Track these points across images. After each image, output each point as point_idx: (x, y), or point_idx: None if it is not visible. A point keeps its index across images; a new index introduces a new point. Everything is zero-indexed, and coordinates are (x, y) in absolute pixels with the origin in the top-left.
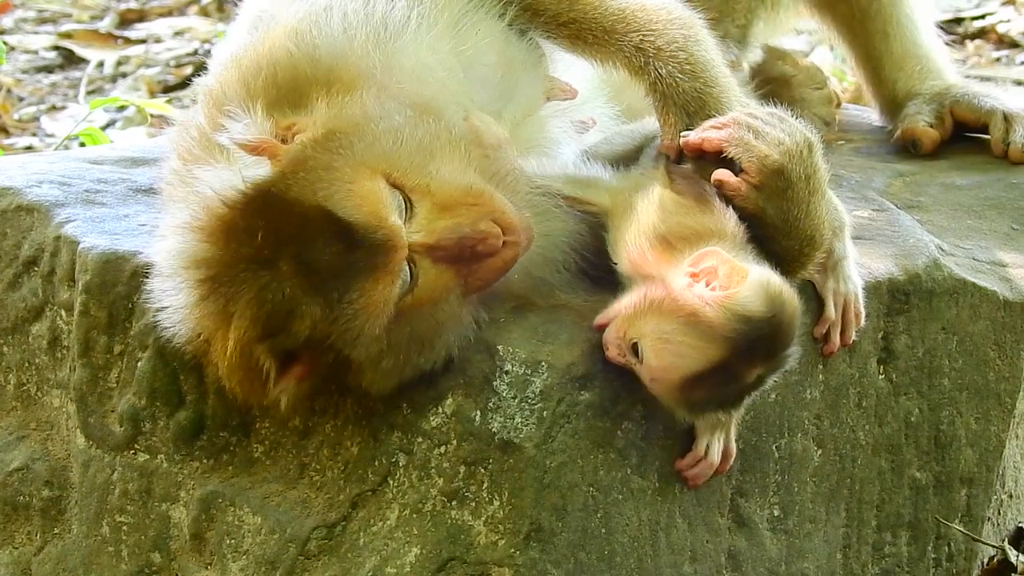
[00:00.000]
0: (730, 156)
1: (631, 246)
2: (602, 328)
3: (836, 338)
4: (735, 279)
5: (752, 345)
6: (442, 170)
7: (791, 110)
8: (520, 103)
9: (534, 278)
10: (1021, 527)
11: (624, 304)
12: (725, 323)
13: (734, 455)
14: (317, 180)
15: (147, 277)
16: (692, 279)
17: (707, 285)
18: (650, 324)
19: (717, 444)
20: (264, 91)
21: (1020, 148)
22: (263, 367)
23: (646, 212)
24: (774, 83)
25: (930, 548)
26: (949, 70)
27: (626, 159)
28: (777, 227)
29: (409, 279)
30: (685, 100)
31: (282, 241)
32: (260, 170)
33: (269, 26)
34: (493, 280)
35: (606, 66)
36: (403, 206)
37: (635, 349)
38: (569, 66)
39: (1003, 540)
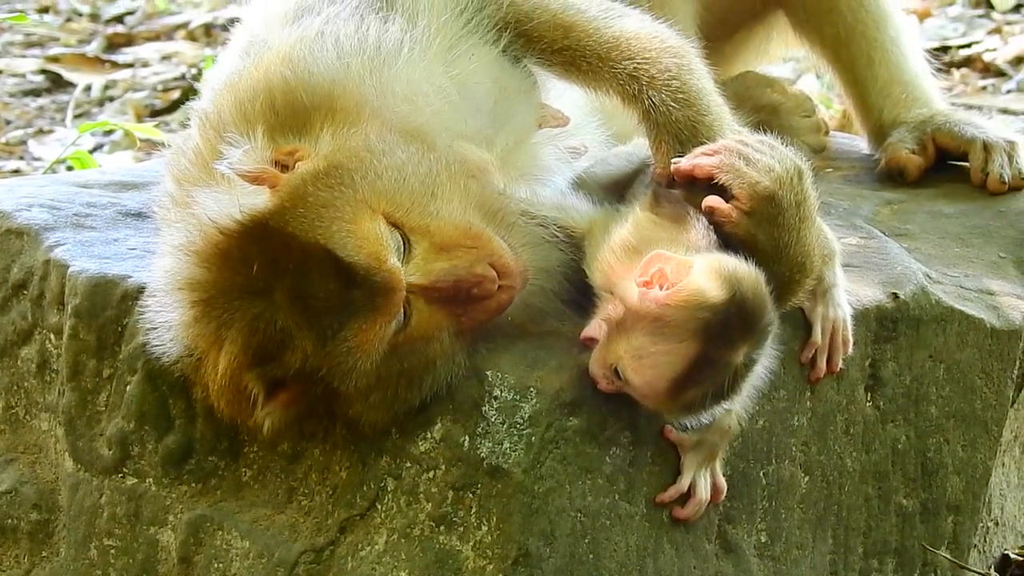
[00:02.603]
0: (721, 183)
1: (601, 259)
2: (588, 340)
3: (822, 364)
4: (683, 272)
5: (724, 328)
6: (442, 210)
7: (780, 138)
8: (513, 130)
9: (529, 307)
10: (1007, 554)
11: (595, 332)
12: (688, 317)
13: (724, 488)
14: (316, 217)
15: (137, 301)
16: (645, 287)
17: (660, 288)
18: (621, 345)
19: (704, 480)
20: (263, 116)
21: (998, 178)
22: (251, 392)
23: (620, 228)
24: (762, 111)
25: (916, 575)
26: (936, 98)
27: (622, 183)
28: (767, 253)
29: (403, 318)
30: (678, 128)
31: (278, 273)
32: (258, 199)
33: (262, 51)
34: (487, 321)
35: (599, 94)
36: (401, 245)
37: (618, 373)
38: (562, 93)
39: (989, 567)
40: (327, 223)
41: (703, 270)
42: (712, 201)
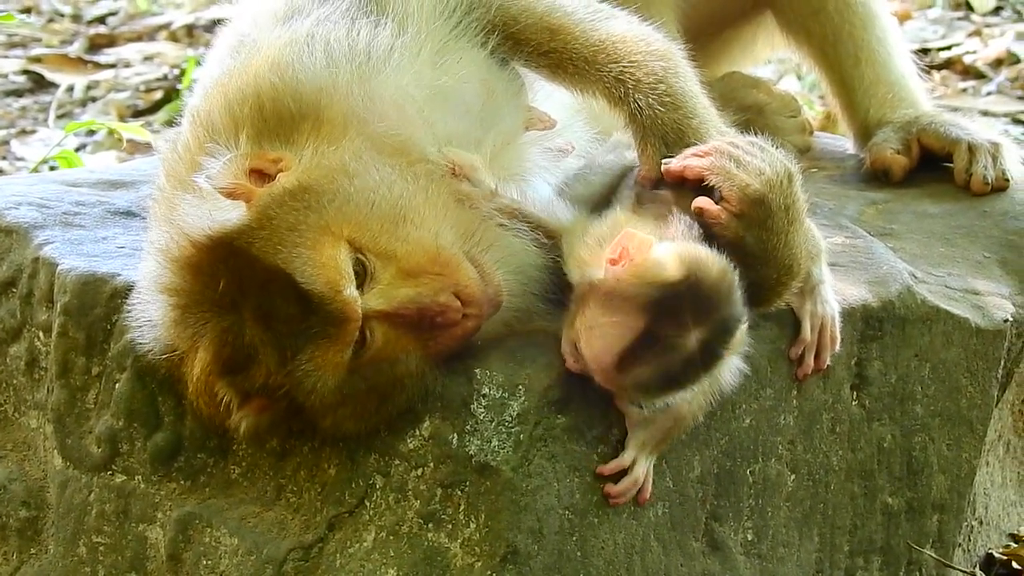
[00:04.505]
0: (711, 184)
1: (576, 254)
2: None
3: (810, 360)
4: (644, 249)
5: (671, 307)
6: (411, 235)
7: (767, 138)
8: (500, 132)
9: (514, 308)
10: (991, 554)
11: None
12: (636, 291)
13: (651, 483)
14: (280, 240)
15: (126, 299)
16: (611, 264)
17: (622, 265)
18: (579, 319)
19: (645, 463)
20: (251, 121)
21: (981, 179)
22: (225, 398)
23: (598, 226)
24: (748, 111)
25: (902, 574)
26: (922, 98)
27: (605, 195)
28: (755, 256)
29: (365, 341)
30: (664, 131)
31: (243, 292)
32: (231, 214)
33: (252, 51)
34: (453, 347)
35: (586, 96)
36: (364, 271)
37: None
38: (549, 94)
39: (974, 566)
40: (288, 248)
41: (664, 249)
42: (702, 202)
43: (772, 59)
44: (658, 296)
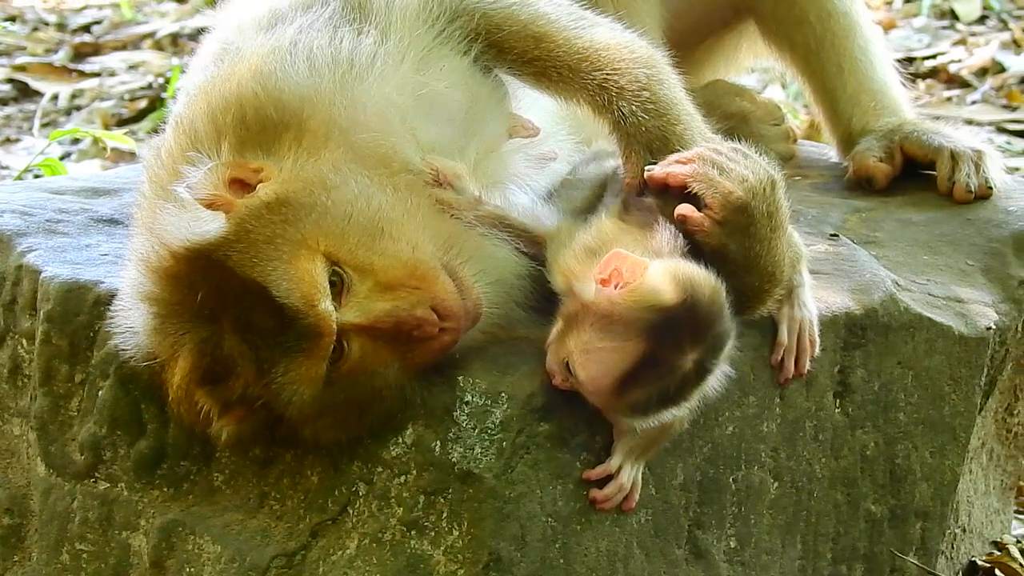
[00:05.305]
0: (694, 192)
1: (561, 263)
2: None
3: (790, 365)
4: (638, 272)
5: (671, 331)
6: (389, 248)
7: (751, 146)
8: (484, 140)
9: (496, 317)
10: (974, 561)
11: (554, 327)
12: (635, 316)
13: (638, 490)
14: (256, 253)
15: (109, 306)
16: (602, 285)
17: (615, 286)
18: (572, 340)
19: (631, 469)
20: (233, 129)
21: (964, 187)
22: (204, 407)
23: (583, 233)
24: (732, 119)
25: None
26: (905, 107)
27: (589, 203)
28: (739, 263)
29: (342, 354)
30: (648, 138)
31: (222, 304)
32: (210, 225)
33: (235, 59)
34: (431, 360)
35: (570, 103)
36: (341, 284)
37: (570, 369)
38: (533, 101)
39: (957, 574)
40: (265, 261)
41: (658, 272)
42: (684, 210)
43: (756, 68)
44: (656, 320)
